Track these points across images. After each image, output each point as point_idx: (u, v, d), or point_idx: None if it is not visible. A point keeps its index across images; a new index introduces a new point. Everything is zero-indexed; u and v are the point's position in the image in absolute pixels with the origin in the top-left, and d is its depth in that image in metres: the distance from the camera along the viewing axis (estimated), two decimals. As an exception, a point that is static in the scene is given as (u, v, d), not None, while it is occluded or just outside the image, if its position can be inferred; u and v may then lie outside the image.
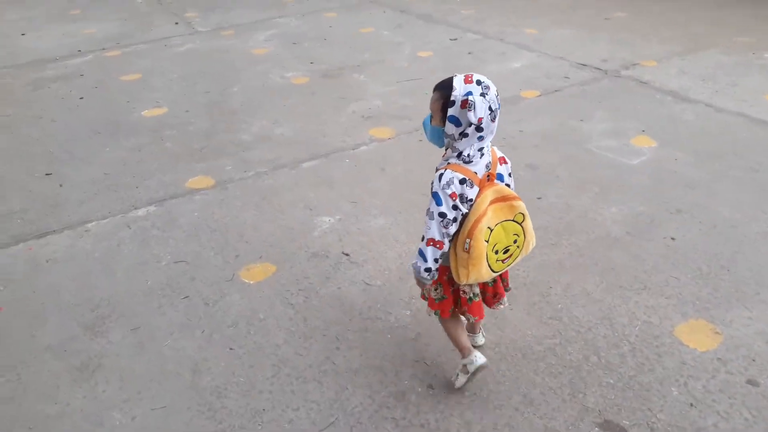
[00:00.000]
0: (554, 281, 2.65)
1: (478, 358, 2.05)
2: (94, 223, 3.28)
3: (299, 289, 2.70)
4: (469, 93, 1.70)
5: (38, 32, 6.88)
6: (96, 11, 7.69)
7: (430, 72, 5.15)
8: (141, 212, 3.36)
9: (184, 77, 5.34)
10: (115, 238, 3.14)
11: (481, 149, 1.79)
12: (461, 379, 2.11)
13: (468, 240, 1.78)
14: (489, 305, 2.10)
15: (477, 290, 2.00)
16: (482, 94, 1.71)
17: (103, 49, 6.20)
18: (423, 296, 2.09)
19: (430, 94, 1.83)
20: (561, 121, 4.19)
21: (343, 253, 2.93)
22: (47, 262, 2.98)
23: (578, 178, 3.47)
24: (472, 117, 1.70)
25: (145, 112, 4.66)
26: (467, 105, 1.70)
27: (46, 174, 3.81)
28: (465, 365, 2.08)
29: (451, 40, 6.05)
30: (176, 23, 7.07)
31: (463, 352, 2.09)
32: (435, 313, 2.06)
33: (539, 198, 3.28)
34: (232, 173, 3.72)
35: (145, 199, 3.48)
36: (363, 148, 3.98)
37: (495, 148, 1.89)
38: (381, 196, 3.40)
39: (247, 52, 5.96)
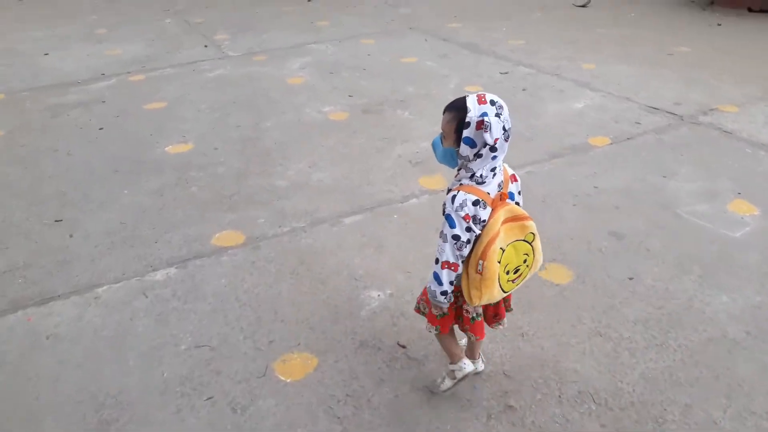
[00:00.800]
0: (669, 401, 2.11)
1: (467, 365, 2.08)
2: (105, 287, 2.82)
3: (347, 395, 2.20)
4: (485, 114, 1.67)
5: (62, 52, 6.53)
6: (123, 31, 7.34)
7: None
8: (160, 275, 2.89)
9: (214, 108, 4.92)
10: (129, 309, 2.67)
11: (493, 169, 1.76)
12: (447, 383, 2.13)
13: (481, 261, 1.74)
14: (488, 324, 2.07)
15: (480, 310, 1.99)
16: (497, 115, 1.68)
17: (128, 72, 5.82)
18: (417, 309, 2.10)
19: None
20: (640, 175, 3.66)
21: (398, 344, 2.43)
22: (48, 338, 2.53)
23: (673, 252, 2.93)
24: (489, 138, 1.67)
25: (170, 148, 4.23)
26: (483, 126, 1.66)
27: (56, 220, 3.38)
28: (453, 371, 2.10)
29: (501, 73, 5.56)
30: (205, 46, 6.69)
31: (453, 358, 2.10)
32: (435, 329, 2.04)
33: (631, 278, 2.75)
34: (265, 228, 3.25)
35: (165, 258, 3.02)
36: (413, 201, 3.49)
37: (506, 165, 1.85)
38: (438, 266, 2.89)
39: (281, 80, 5.52)
